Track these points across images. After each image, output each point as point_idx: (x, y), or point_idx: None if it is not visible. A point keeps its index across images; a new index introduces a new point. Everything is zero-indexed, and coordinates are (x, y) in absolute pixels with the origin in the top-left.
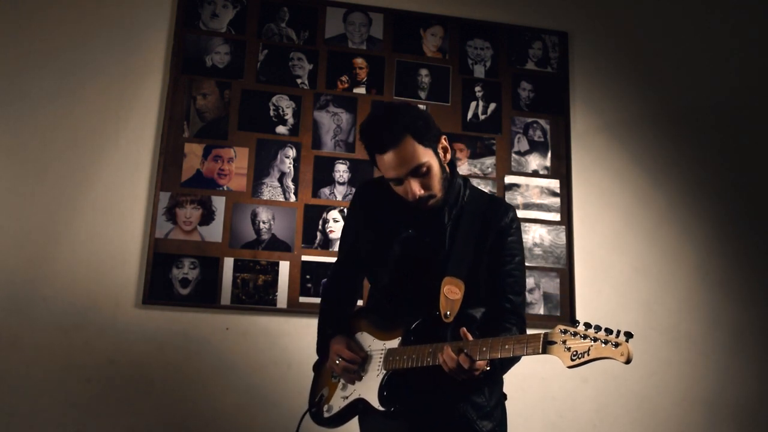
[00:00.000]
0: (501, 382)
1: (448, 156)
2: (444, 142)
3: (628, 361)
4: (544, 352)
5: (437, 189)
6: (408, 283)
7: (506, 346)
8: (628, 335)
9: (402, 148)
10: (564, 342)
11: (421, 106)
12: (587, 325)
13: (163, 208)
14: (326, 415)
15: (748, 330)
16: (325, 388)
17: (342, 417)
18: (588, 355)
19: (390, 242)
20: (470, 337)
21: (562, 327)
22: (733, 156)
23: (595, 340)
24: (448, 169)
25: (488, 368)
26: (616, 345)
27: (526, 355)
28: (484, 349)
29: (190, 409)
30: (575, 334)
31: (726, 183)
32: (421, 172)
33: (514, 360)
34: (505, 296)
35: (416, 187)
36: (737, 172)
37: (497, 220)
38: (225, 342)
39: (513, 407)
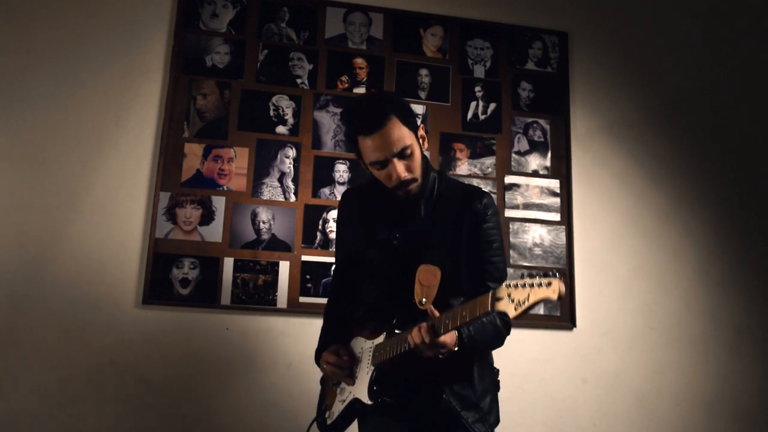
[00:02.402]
0: (491, 372)
1: (426, 144)
2: (422, 130)
3: (559, 297)
4: (493, 309)
5: (419, 173)
6: (393, 281)
7: (463, 313)
8: (562, 273)
9: (388, 129)
10: (509, 295)
11: (421, 106)
12: (531, 276)
13: (163, 208)
14: (329, 422)
15: (748, 330)
16: (328, 398)
17: (343, 421)
18: (528, 301)
19: (371, 244)
20: (437, 314)
21: (508, 282)
22: (733, 156)
23: (532, 286)
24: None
25: (456, 349)
26: (549, 284)
27: (480, 315)
28: (447, 321)
29: (190, 409)
30: (517, 285)
31: (726, 183)
32: (405, 154)
33: (493, 342)
34: (483, 283)
35: (401, 169)
36: (737, 172)
37: (471, 206)
38: (225, 342)
39: (513, 407)
